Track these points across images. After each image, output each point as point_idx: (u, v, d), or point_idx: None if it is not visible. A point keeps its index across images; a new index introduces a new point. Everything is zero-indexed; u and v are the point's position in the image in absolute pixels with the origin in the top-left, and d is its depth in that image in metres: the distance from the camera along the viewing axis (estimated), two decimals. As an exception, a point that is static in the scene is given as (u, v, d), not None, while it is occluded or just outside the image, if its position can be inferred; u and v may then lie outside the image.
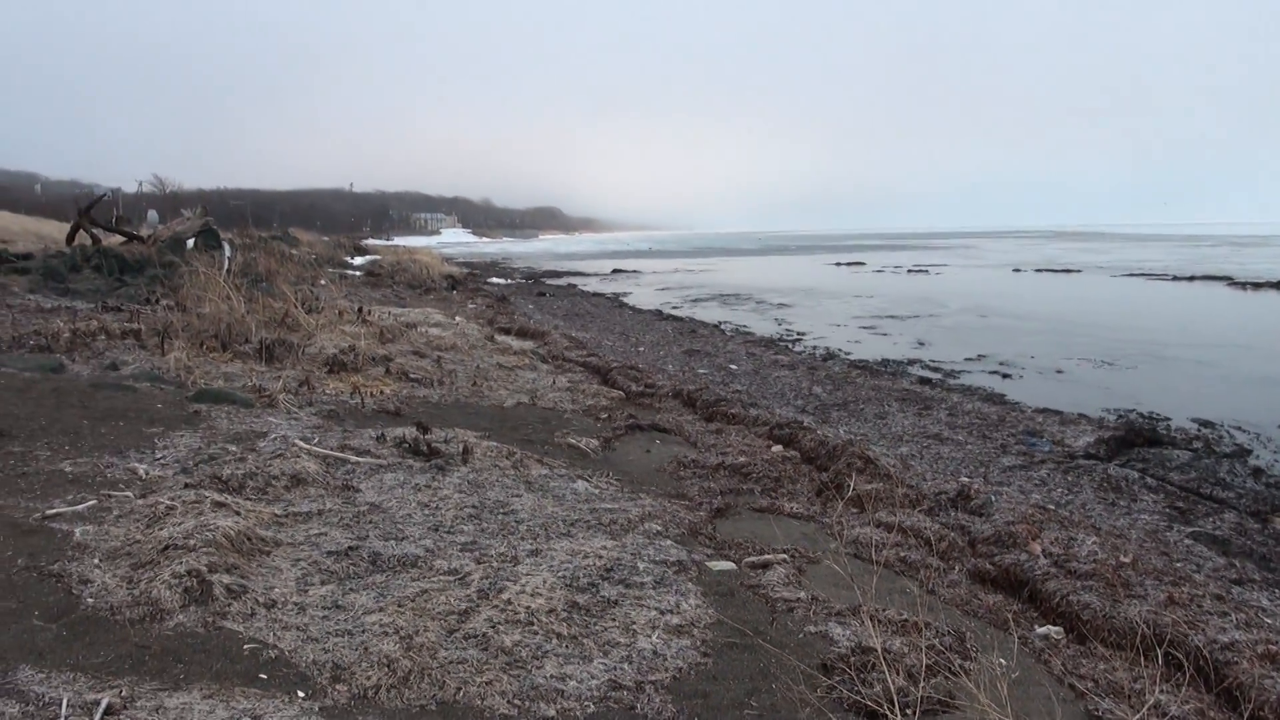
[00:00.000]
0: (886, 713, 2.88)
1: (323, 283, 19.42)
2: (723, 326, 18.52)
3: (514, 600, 3.60)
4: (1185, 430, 8.90)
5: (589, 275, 38.84)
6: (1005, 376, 12.29)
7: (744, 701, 3.07)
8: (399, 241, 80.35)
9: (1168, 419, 9.43)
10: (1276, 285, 26.69)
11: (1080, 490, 6.71)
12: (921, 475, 6.88)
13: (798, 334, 17.31)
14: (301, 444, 5.69)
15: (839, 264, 46.97)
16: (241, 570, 3.75)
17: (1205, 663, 3.68)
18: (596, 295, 26.97)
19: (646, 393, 9.65)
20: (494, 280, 33.33)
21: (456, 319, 15.32)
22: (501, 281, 32.95)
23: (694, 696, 3.09)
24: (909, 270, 40.04)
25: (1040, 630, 4.13)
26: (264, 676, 2.99)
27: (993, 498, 6.04)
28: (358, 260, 36.91)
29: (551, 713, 2.92)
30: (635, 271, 41.86)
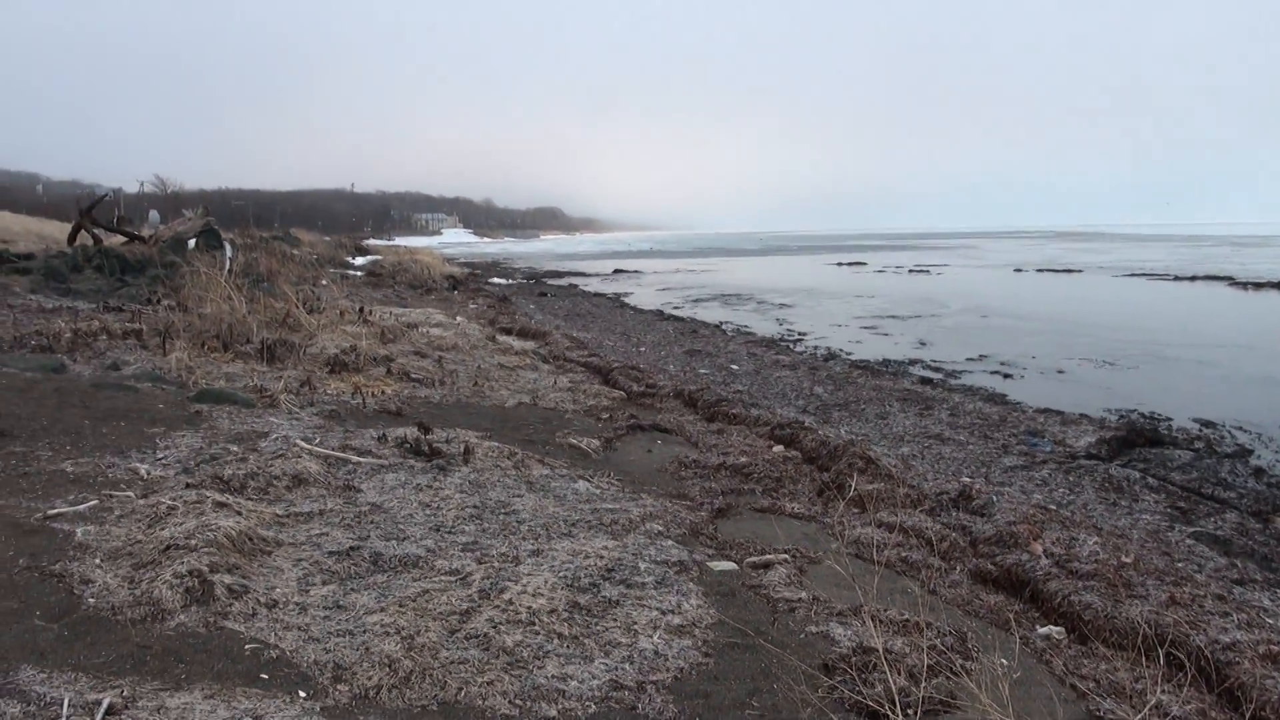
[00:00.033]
0: (888, 713, 2.88)
1: (324, 283, 19.42)
2: (724, 327, 18.53)
3: (515, 600, 3.60)
4: (1187, 430, 8.89)
5: (590, 275, 38.85)
6: (1007, 377, 12.28)
7: (745, 701, 3.07)
8: (400, 242, 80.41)
9: (1169, 419, 9.42)
10: (1277, 285, 26.69)
11: (1082, 490, 6.70)
12: (923, 475, 6.88)
13: (799, 334, 17.31)
14: (303, 444, 5.69)
15: (840, 264, 46.98)
16: (243, 570, 3.75)
17: (1207, 663, 3.68)
18: (598, 295, 26.97)
19: (648, 393, 9.65)
20: (495, 280, 33.36)
21: (458, 319, 15.32)
22: (503, 282, 32.97)
23: (695, 696, 3.09)
24: (910, 270, 40.04)
25: (1042, 630, 4.13)
26: (265, 676, 2.99)
27: (994, 498, 6.04)
28: (359, 260, 36.96)
29: (553, 713, 2.92)
30: (636, 272, 41.88)
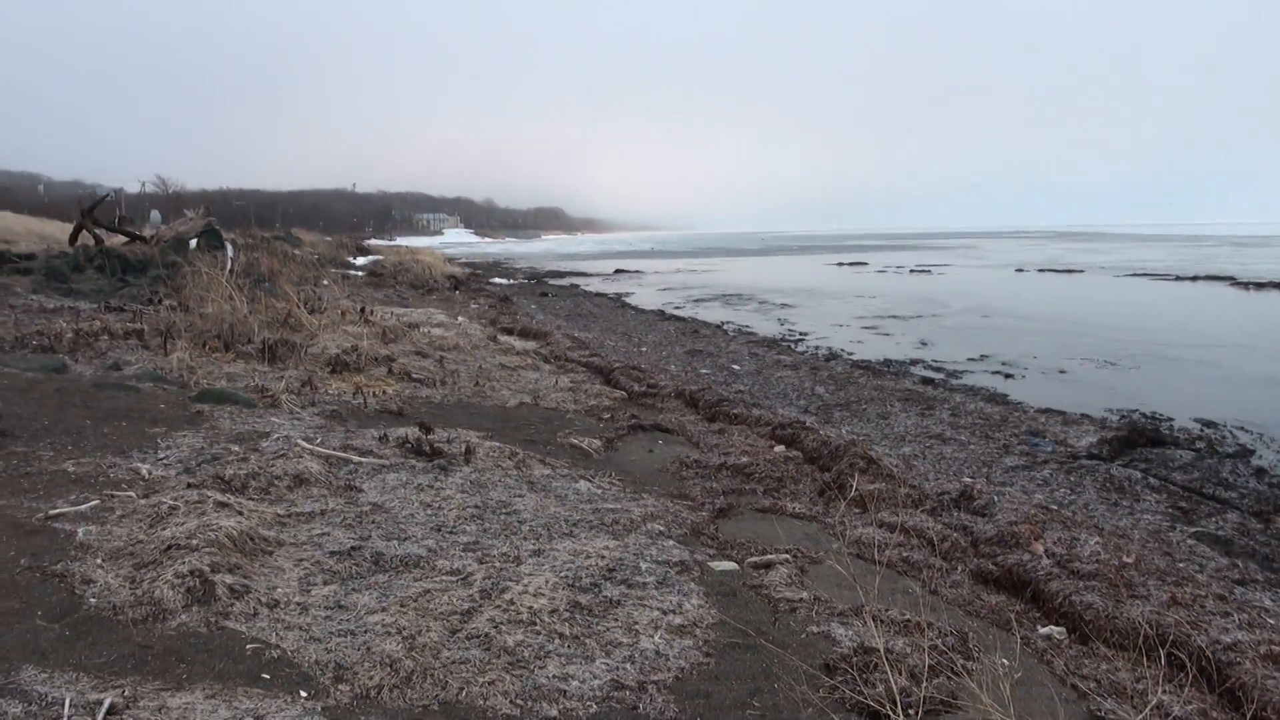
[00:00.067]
0: (889, 713, 2.88)
1: (325, 283, 19.42)
2: (725, 327, 18.52)
3: (516, 600, 3.60)
4: (1188, 430, 8.89)
5: (591, 275, 38.85)
6: (1008, 377, 12.28)
7: (746, 702, 3.07)
8: (401, 242, 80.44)
9: (1170, 419, 9.42)
10: (1279, 285, 26.65)
11: (1083, 490, 6.70)
12: (924, 475, 6.88)
13: (800, 334, 17.31)
14: (304, 444, 5.70)
15: (841, 264, 46.96)
16: (244, 570, 3.75)
17: (1208, 663, 3.67)
18: (599, 295, 26.97)
19: (649, 393, 9.65)
20: (496, 280, 33.36)
21: (459, 319, 15.33)
22: (504, 282, 32.97)
23: (696, 696, 3.09)
24: (911, 270, 40.02)
25: (1043, 630, 4.13)
26: (267, 676, 2.99)
27: (995, 498, 6.03)
28: (360, 260, 37.01)
29: (554, 713, 2.92)
30: (638, 272, 41.87)
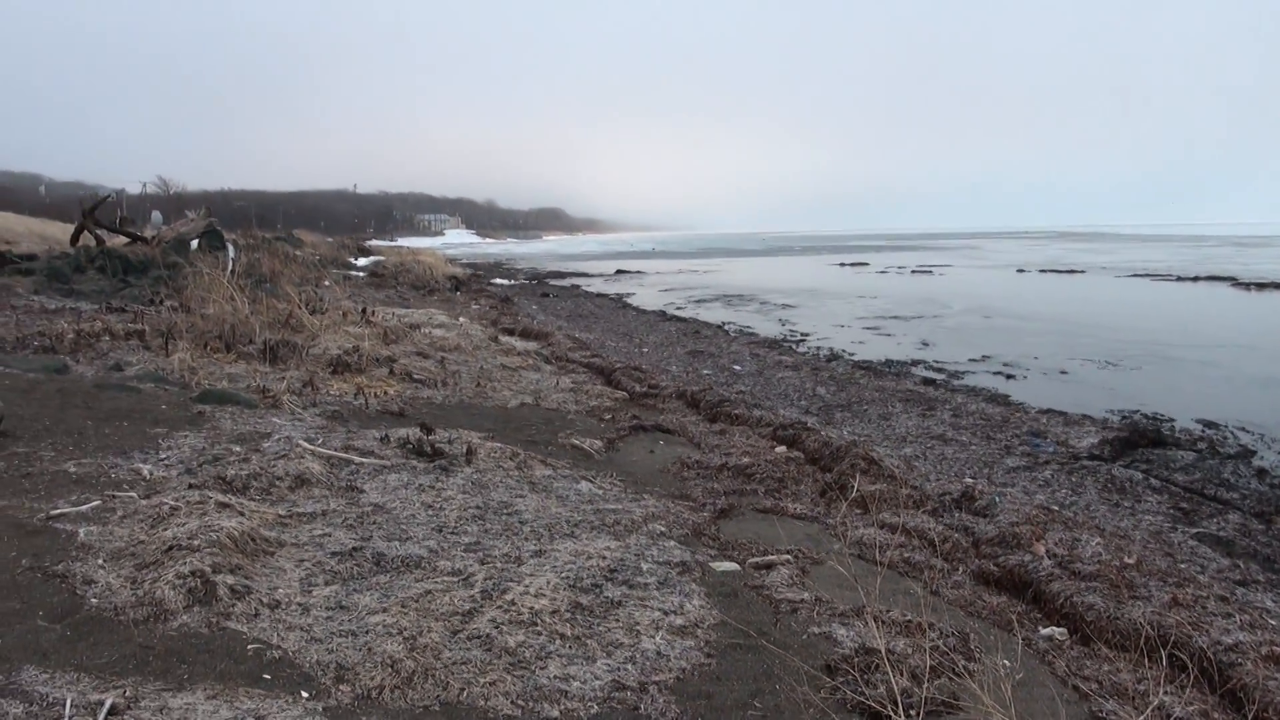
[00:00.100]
0: (890, 714, 2.88)
1: (326, 283, 19.43)
2: (726, 327, 18.51)
3: (518, 601, 3.60)
4: (1189, 431, 8.88)
5: (593, 276, 38.85)
6: (1009, 377, 12.27)
7: (748, 702, 3.07)
8: (403, 242, 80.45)
9: (1172, 420, 9.41)
10: (1280, 286, 26.65)
11: (1084, 491, 6.70)
12: (925, 476, 6.88)
13: (801, 335, 17.30)
14: (305, 445, 5.70)
15: (843, 265, 46.96)
16: (245, 571, 3.75)
17: (1209, 664, 3.67)
18: (600, 296, 26.98)
19: (650, 393, 9.65)
20: (498, 281, 33.38)
21: (460, 320, 15.33)
22: (505, 282, 32.98)
23: (698, 697, 3.09)
24: (913, 271, 40.01)
25: (1044, 631, 4.13)
26: (268, 677, 2.99)
27: (997, 499, 6.03)
28: (361, 261, 37.03)
29: (555, 713, 2.92)
30: (639, 272, 41.88)
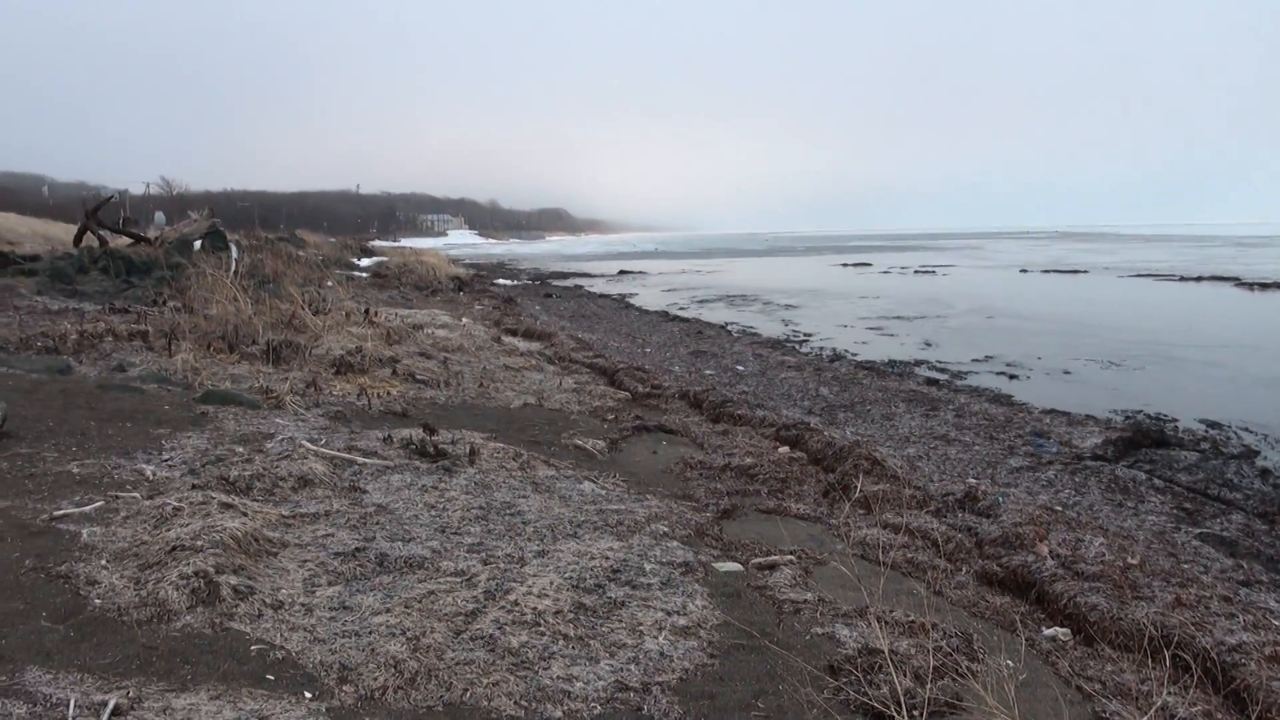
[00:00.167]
0: (893, 714, 2.88)
1: (329, 284, 19.46)
2: (729, 327, 18.50)
3: (521, 601, 3.60)
4: (1193, 431, 8.86)
5: (595, 276, 38.85)
6: (1012, 377, 12.26)
7: (751, 703, 3.07)
8: (405, 243, 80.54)
9: (1175, 420, 9.39)
10: (1284, 286, 26.58)
11: (1088, 491, 6.68)
12: (929, 476, 6.87)
13: (804, 335, 17.29)
14: (308, 445, 5.70)
15: (845, 265, 46.92)
16: (248, 571, 3.75)
17: (1213, 664, 3.66)
18: (603, 296, 26.98)
19: (653, 394, 9.65)
20: (500, 282, 33.39)
21: (463, 320, 15.35)
22: (508, 283, 33.00)
23: (701, 698, 3.09)
24: (915, 271, 39.97)
25: (1048, 632, 4.12)
26: (271, 677, 2.99)
27: (1000, 499, 6.02)
28: (364, 262, 37.06)
29: (558, 714, 2.92)
30: (642, 273, 41.88)
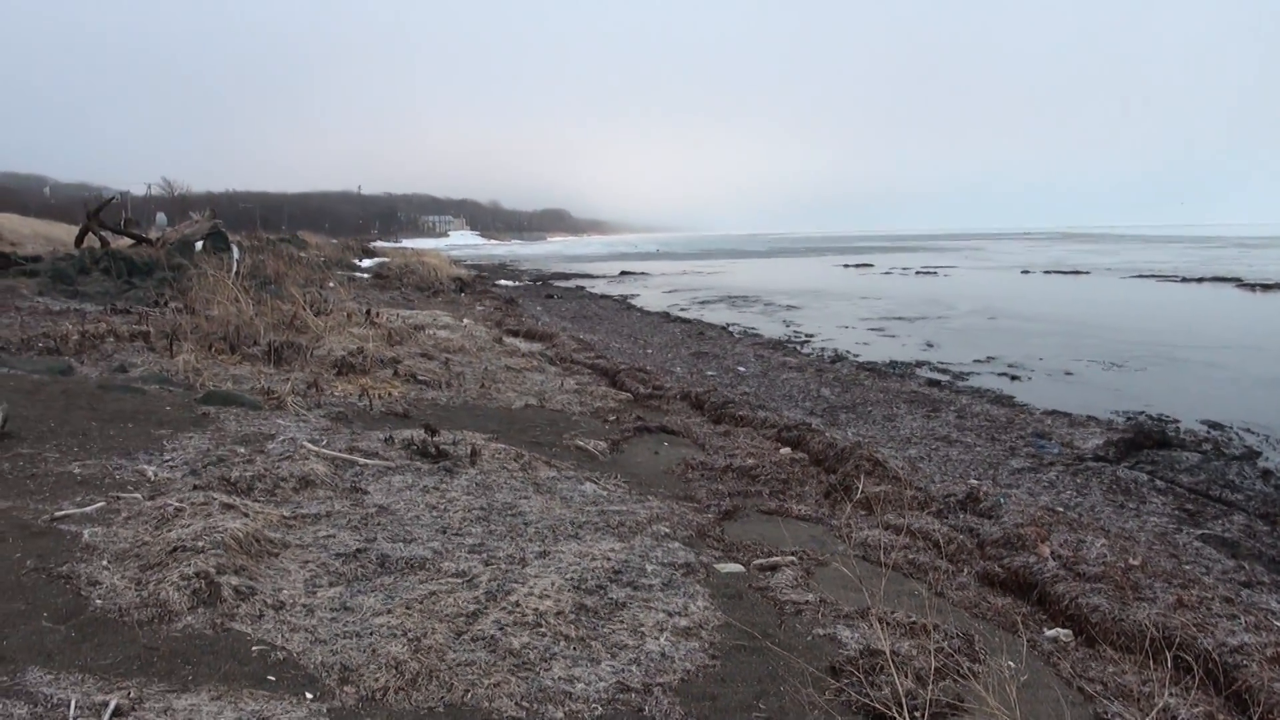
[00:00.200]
0: (895, 715, 2.87)
1: (331, 285, 19.47)
2: (731, 328, 18.50)
3: (522, 602, 3.60)
4: (1194, 432, 8.85)
5: (597, 277, 38.85)
6: (1014, 378, 12.24)
7: (752, 704, 3.07)
8: (407, 244, 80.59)
9: (1177, 421, 9.38)
10: (1287, 287, 26.55)
11: (1089, 492, 6.68)
12: (930, 477, 6.86)
13: (806, 336, 17.28)
14: (310, 446, 5.71)
15: (847, 266, 46.91)
16: (250, 572, 3.76)
17: (1215, 666, 3.66)
18: (604, 297, 26.98)
19: (654, 395, 9.65)
20: (502, 282, 33.40)
21: (464, 321, 15.35)
22: (509, 284, 33.00)
23: (702, 699, 3.08)
24: (917, 272, 39.94)
25: (1049, 633, 4.12)
26: (272, 678, 2.99)
27: (1001, 500, 6.02)
28: (366, 262, 37.06)
29: (560, 715, 2.92)
30: (643, 273, 41.88)
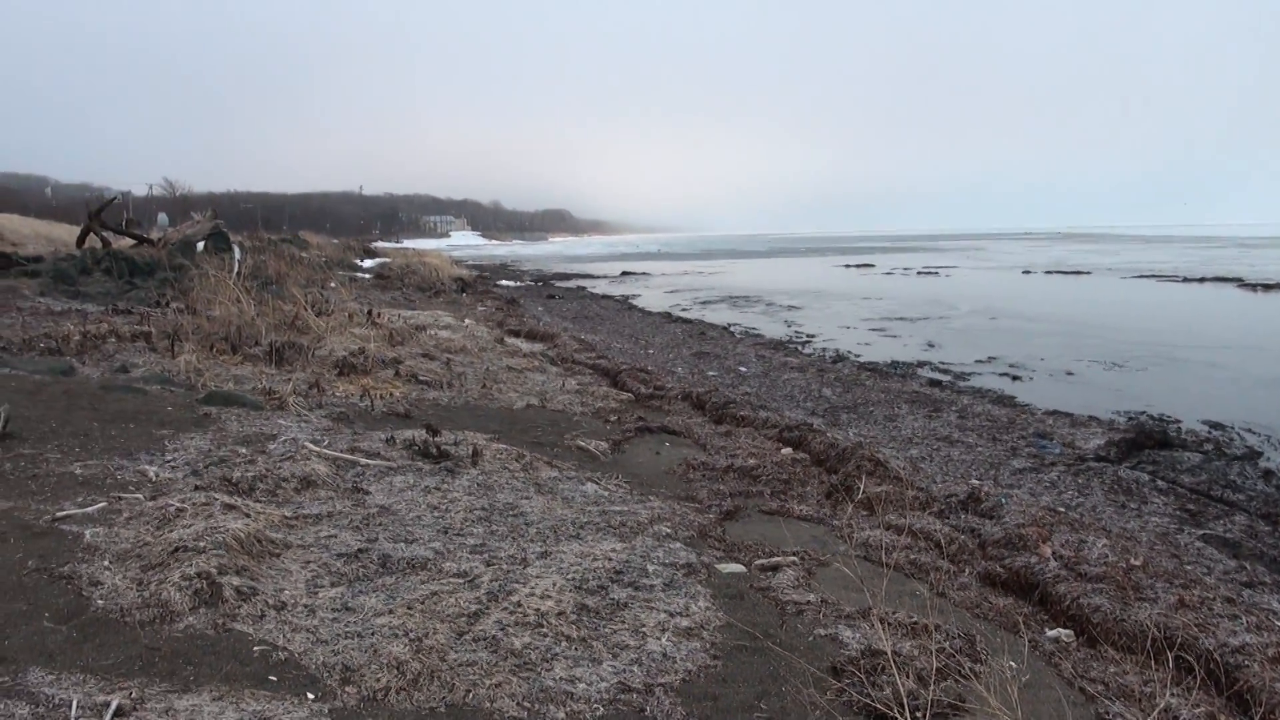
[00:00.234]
0: (896, 716, 2.87)
1: (332, 285, 19.48)
2: (732, 328, 18.50)
3: (523, 602, 3.60)
4: (1196, 432, 8.85)
5: (598, 278, 38.86)
6: (1015, 379, 12.24)
7: (753, 704, 3.07)
8: (408, 244, 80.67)
9: (1178, 421, 9.37)
10: (1288, 287, 26.52)
11: (1091, 493, 6.67)
12: (931, 478, 6.86)
13: (807, 336, 17.28)
14: (311, 446, 5.71)
15: (848, 266, 46.91)
16: (251, 572, 3.76)
17: (1216, 666, 3.65)
18: (606, 297, 26.98)
19: (656, 395, 9.64)
20: (503, 283, 33.41)
21: (466, 321, 15.36)
22: (511, 284, 33.01)
23: (703, 699, 3.08)
24: (918, 272, 39.93)
25: (1051, 633, 4.11)
26: (274, 678, 3.00)
27: (1003, 500, 6.01)
28: (367, 263, 37.10)
29: (561, 715, 2.92)
30: (644, 274, 41.88)
